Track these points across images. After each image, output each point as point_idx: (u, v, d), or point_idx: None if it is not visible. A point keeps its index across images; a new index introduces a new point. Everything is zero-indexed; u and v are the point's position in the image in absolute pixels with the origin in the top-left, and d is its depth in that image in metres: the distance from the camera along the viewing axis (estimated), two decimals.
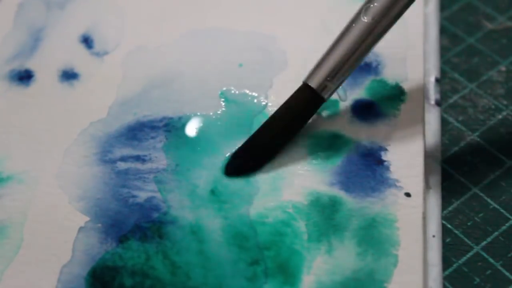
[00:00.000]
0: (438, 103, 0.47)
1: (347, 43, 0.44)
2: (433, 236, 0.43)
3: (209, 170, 0.44)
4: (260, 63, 0.49)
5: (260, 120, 0.46)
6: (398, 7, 0.43)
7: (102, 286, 0.41)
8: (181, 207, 0.43)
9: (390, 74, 0.48)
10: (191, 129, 0.46)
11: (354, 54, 0.44)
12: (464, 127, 0.47)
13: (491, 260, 0.42)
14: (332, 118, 0.46)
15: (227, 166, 0.45)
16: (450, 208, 0.44)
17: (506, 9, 0.52)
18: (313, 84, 0.44)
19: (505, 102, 0.48)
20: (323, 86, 0.44)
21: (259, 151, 0.45)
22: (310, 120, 0.46)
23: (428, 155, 0.45)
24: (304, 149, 0.45)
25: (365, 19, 0.43)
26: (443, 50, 0.50)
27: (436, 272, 0.41)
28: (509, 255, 0.42)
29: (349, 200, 0.43)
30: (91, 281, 0.41)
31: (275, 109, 0.47)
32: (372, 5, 0.43)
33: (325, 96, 0.44)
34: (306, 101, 0.45)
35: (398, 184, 0.44)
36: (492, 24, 0.52)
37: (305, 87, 0.44)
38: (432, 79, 0.48)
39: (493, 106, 0.48)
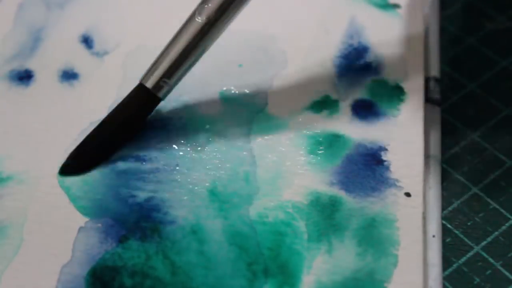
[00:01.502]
0: (438, 103, 0.47)
1: (182, 43, 0.44)
2: (433, 236, 0.42)
3: (209, 170, 0.44)
4: (260, 63, 0.49)
5: (260, 120, 0.46)
6: (232, 8, 0.43)
7: (102, 286, 0.41)
8: (181, 207, 0.43)
9: (390, 74, 0.48)
10: (191, 129, 0.46)
11: (189, 54, 0.44)
12: (464, 127, 0.47)
13: (491, 260, 0.42)
14: (332, 118, 0.46)
15: (63, 167, 0.45)
16: (450, 208, 0.44)
17: (506, 9, 0.52)
18: (148, 84, 0.44)
19: (505, 102, 0.48)
20: (159, 86, 0.44)
21: (93, 151, 0.45)
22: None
23: (428, 155, 0.45)
24: (304, 149, 0.45)
25: (199, 19, 0.43)
26: (443, 50, 0.50)
27: (436, 272, 0.41)
28: (509, 255, 0.42)
29: (349, 200, 0.43)
30: (91, 281, 0.41)
31: (275, 109, 0.47)
32: (206, 6, 0.43)
33: (161, 96, 0.45)
34: (141, 101, 0.45)
35: (398, 184, 0.44)
36: (492, 24, 0.52)
37: (140, 87, 0.45)
38: (432, 79, 0.48)
39: (493, 106, 0.48)
